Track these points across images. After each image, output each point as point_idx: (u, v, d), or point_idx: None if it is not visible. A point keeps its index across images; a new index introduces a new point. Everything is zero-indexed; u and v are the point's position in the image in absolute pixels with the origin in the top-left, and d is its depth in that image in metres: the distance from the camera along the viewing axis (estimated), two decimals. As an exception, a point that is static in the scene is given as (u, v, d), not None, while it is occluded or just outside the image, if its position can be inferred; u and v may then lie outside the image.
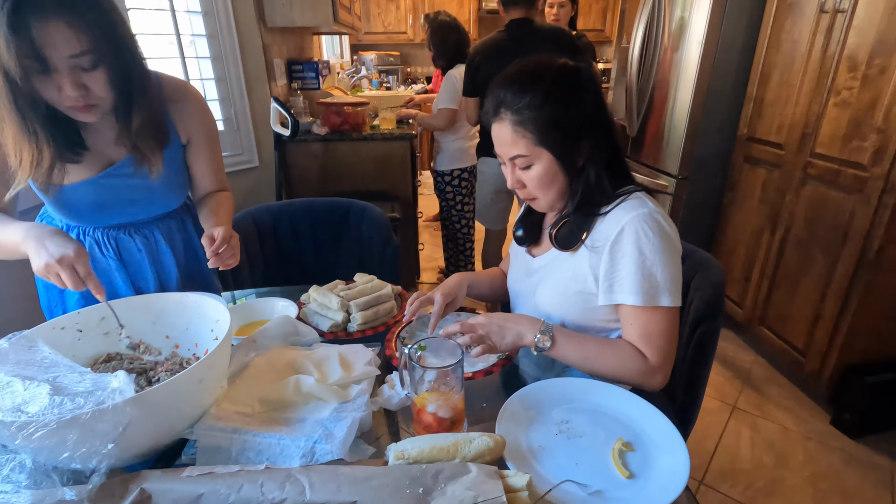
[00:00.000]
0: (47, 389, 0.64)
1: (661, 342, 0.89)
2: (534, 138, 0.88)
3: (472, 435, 0.72)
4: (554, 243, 0.97)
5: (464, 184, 2.83)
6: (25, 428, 0.59)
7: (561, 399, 0.87)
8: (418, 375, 0.76)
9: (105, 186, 1.07)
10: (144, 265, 1.20)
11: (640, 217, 0.88)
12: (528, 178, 0.93)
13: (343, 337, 1.06)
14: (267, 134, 2.40)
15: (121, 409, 0.62)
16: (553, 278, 1.00)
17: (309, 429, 0.74)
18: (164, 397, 0.67)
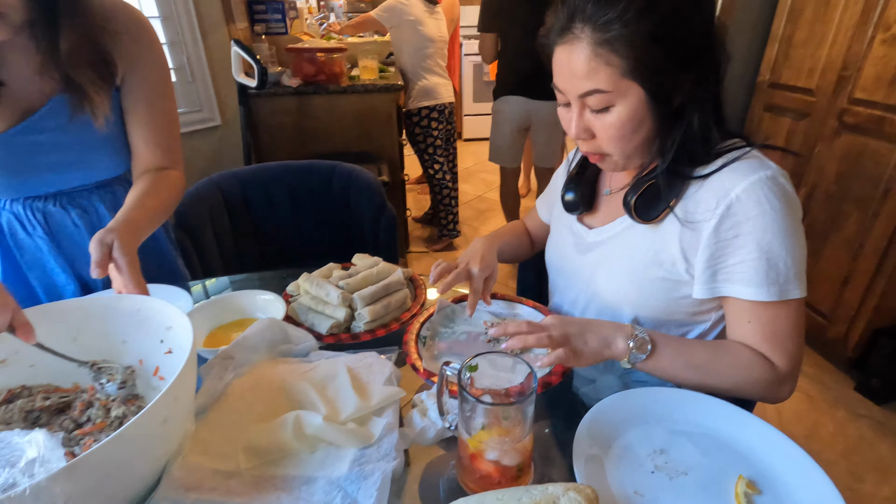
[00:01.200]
0: None
1: (790, 343, 0.69)
2: (622, 66, 0.63)
3: (555, 492, 0.51)
4: (632, 211, 0.73)
5: (433, 124, 2.65)
6: None
7: (643, 419, 0.66)
8: (471, 409, 0.54)
9: (24, 145, 0.82)
10: (84, 245, 0.91)
11: (761, 183, 0.65)
12: (604, 124, 0.68)
13: (347, 340, 0.82)
14: (229, 86, 2.05)
15: (45, 489, 0.39)
16: (623, 258, 0.78)
17: (321, 496, 0.51)
18: (112, 457, 0.44)
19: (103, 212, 0.95)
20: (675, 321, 0.76)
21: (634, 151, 0.71)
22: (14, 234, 0.90)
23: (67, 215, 0.92)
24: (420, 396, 0.68)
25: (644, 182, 0.72)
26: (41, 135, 0.82)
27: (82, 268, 0.96)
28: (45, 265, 0.93)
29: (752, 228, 0.66)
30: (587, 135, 0.71)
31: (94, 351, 0.66)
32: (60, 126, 0.83)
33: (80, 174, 0.91)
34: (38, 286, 0.95)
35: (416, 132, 2.70)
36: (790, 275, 0.66)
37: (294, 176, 1.61)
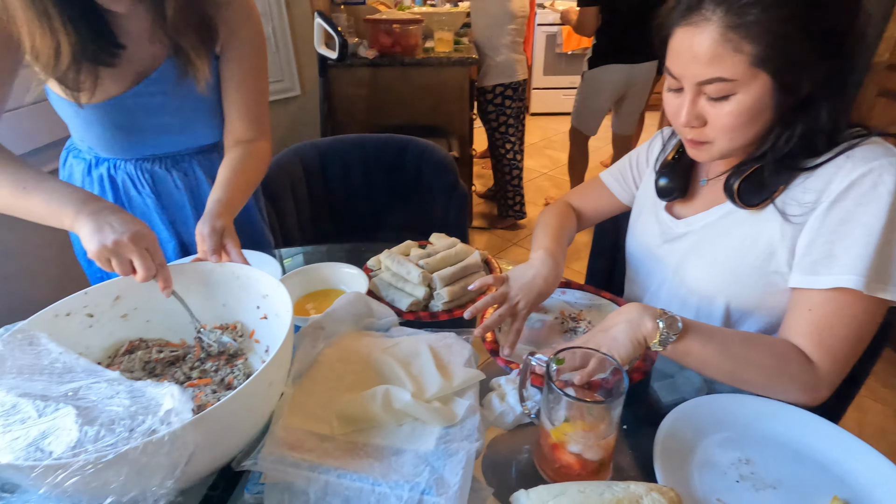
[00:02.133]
0: (73, 416, 0.46)
1: (843, 344, 0.64)
2: (753, 54, 0.59)
3: (637, 490, 0.52)
4: (734, 196, 0.69)
5: (507, 102, 2.57)
6: (52, 474, 0.41)
7: (727, 425, 0.64)
8: (556, 401, 0.55)
9: (136, 107, 0.89)
10: (185, 207, 1.02)
11: (883, 169, 0.60)
12: (719, 113, 0.64)
13: (426, 318, 0.85)
14: (309, 57, 2.10)
15: (180, 437, 0.44)
16: (718, 246, 0.74)
17: (410, 469, 0.54)
18: (230, 413, 0.49)
19: (201, 176, 1.03)
20: (769, 314, 0.73)
21: (744, 143, 0.66)
22: (127, 192, 0.99)
23: (170, 177, 1.00)
24: (498, 381, 0.70)
25: (749, 166, 0.68)
26: (151, 98, 0.89)
27: (181, 226, 1.05)
28: (152, 222, 1.01)
29: (864, 214, 0.61)
30: (698, 122, 0.67)
31: (197, 309, 0.73)
32: (167, 91, 0.90)
33: (182, 138, 0.98)
34: None
35: (488, 110, 2.63)
36: (891, 271, 0.61)
37: (369, 149, 1.64)
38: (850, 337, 0.64)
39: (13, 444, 0.45)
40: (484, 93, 2.59)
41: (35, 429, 0.46)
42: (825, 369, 0.65)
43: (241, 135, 0.96)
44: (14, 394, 0.49)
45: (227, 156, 0.93)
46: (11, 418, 0.47)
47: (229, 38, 0.91)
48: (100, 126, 0.89)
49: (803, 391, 0.65)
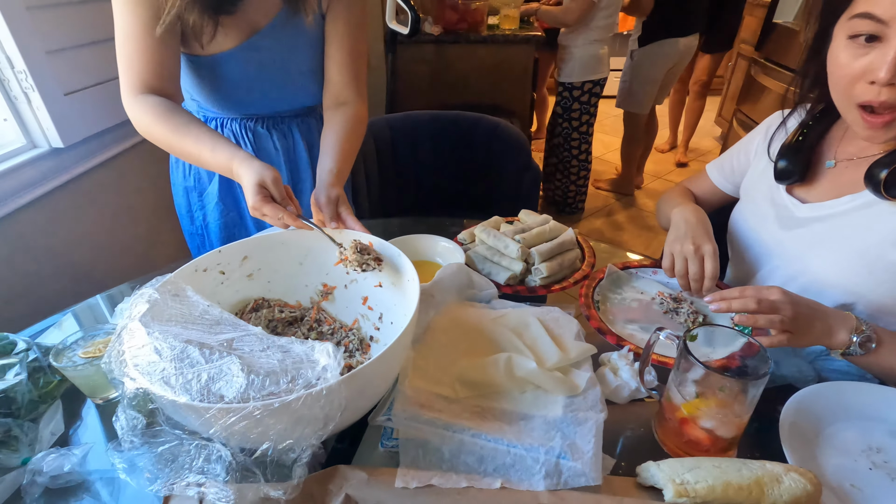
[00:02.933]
0: (238, 364, 0.49)
1: None
2: None
3: (776, 470, 0.51)
4: (880, 188, 0.65)
5: (593, 100, 2.43)
6: (224, 416, 0.44)
7: (854, 413, 0.63)
8: (682, 372, 0.55)
9: (247, 61, 0.93)
10: (281, 167, 1.07)
11: None
12: None
13: (523, 293, 0.85)
14: (375, 32, 2.10)
15: (336, 392, 0.47)
16: (853, 238, 0.71)
17: (541, 433, 0.56)
18: (376, 372, 0.52)
19: (298, 139, 1.07)
20: None
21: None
22: None
23: (270, 137, 1.05)
24: (609, 356, 0.70)
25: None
26: (260, 52, 0.92)
27: None
28: None
29: None
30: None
31: (315, 273, 0.76)
32: (276, 47, 0.93)
33: (285, 97, 1.02)
34: (241, 199, 1.08)
35: (573, 107, 2.45)
36: None
37: (439, 125, 1.64)
38: None
39: (187, 386, 0.48)
40: (571, 89, 2.41)
41: (205, 374, 0.49)
42: None
43: (339, 93, 0.97)
44: (180, 339, 0.52)
45: (330, 121, 0.95)
46: (182, 362, 0.50)
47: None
48: (211, 79, 0.94)
49: None
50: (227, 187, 1.06)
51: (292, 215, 0.72)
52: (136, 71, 0.82)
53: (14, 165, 1.04)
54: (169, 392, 0.45)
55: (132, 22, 0.80)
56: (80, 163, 1.18)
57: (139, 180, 1.41)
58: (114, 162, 1.30)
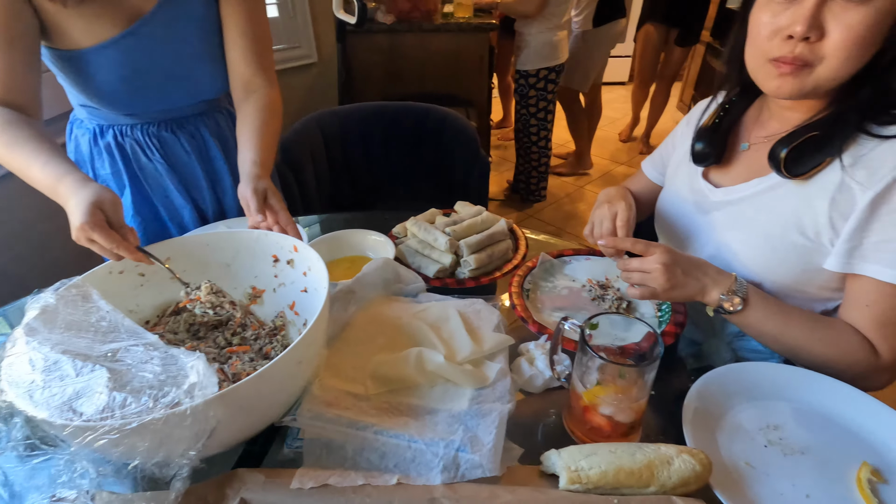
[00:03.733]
0: (105, 379, 0.47)
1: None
2: None
3: (668, 452, 0.53)
4: (780, 166, 0.66)
5: (549, 87, 2.44)
6: (81, 434, 0.43)
7: (755, 393, 0.65)
8: (590, 364, 0.56)
9: (133, 49, 0.86)
10: (195, 170, 1.02)
11: None
12: (850, 22, 0.57)
13: (452, 285, 0.85)
14: (326, 23, 2.06)
15: (202, 412, 0.45)
16: (758, 221, 0.73)
17: (444, 427, 0.56)
18: (255, 390, 0.50)
19: (207, 137, 1.03)
20: (803, 294, 0.72)
21: (851, 71, 0.60)
22: (137, 160, 0.98)
23: (178, 140, 1.00)
24: (527, 346, 0.70)
25: (803, 133, 0.65)
26: (147, 39, 0.87)
27: (194, 191, 1.05)
28: (165, 188, 1.02)
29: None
30: (816, 34, 0.59)
31: (244, 276, 0.75)
32: (164, 33, 0.88)
33: (183, 90, 0.96)
34: (161, 208, 1.04)
35: (530, 94, 2.48)
36: None
37: (390, 117, 1.62)
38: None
39: (50, 401, 0.46)
40: (527, 76, 2.43)
41: (71, 388, 0.48)
42: (890, 359, 0.65)
43: (248, 81, 0.93)
44: (58, 350, 0.50)
45: (243, 112, 0.91)
46: (52, 374, 0.48)
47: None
48: (99, 73, 0.86)
49: (864, 375, 0.66)
50: (142, 199, 1.01)
51: (130, 246, 0.64)
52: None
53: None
54: (30, 406, 0.44)
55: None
56: None
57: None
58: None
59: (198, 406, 0.44)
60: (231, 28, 0.91)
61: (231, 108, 1.03)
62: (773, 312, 0.67)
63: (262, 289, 0.76)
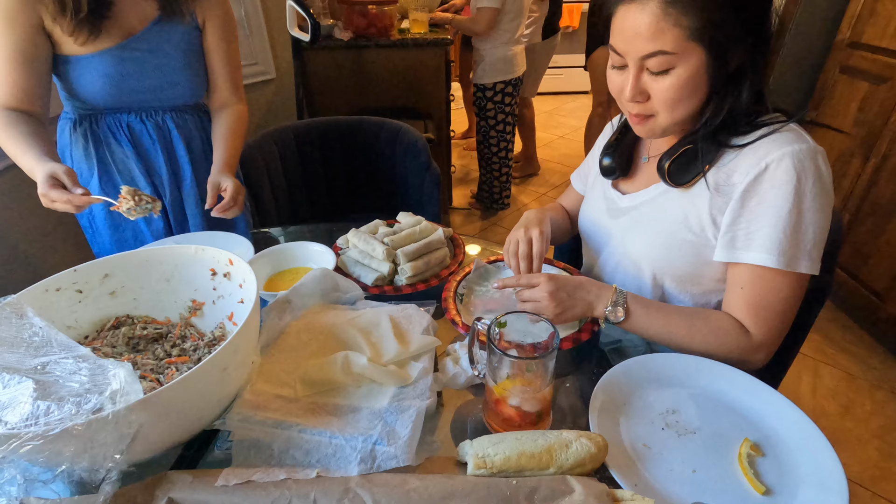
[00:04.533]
0: (30, 389, 0.50)
1: (774, 315, 0.72)
2: (691, 28, 0.63)
3: (568, 437, 0.58)
4: (665, 176, 0.75)
5: (507, 99, 2.52)
6: (6, 443, 0.45)
7: (659, 381, 0.71)
8: (498, 361, 0.61)
9: (124, 60, 1.04)
10: (158, 157, 1.16)
11: (794, 155, 0.66)
12: (661, 87, 0.68)
13: (390, 292, 0.90)
14: (284, 39, 2.10)
15: (124, 416, 0.48)
16: (655, 222, 0.80)
17: (365, 424, 0.60)
18: (179, 396, 0.53)
19: (172, 128, 1.17)
20: (699, 287, 0.79)
21: (684, 116, 0.71)
22: (108, 144, 1.12)
23: (145, 129, 1.13)
24: (454, 346, 0.76)
25: (680, 147, 0.74)
26: (137, 52, 1.04)
27: (155, 177, 1.19)
28: (131, 170, 1.15)
29: (775, 197, 0.67)
30: (642, 97, 0.71)
31: (184, 290, 0.78)
32: (152, 49, 1.06)
33: (162, 95, 1.11)
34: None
35: (487, 107, 2.58)
36: (804, 248, 0.68)
37: (344, 131, 1.67)
38: (778, 308, 0.72)
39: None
40: (484, 90, 2.53)
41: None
42: (760, 338, 0.72)
43: (226, 98, 1.19)
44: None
45: (217, 121, 1.17)
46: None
47: (210, 11, 1.10)
48: (89, 75, 1.02)
49: (739, 356, 0.73)
50: (108, 179, 1.13)
51: (77, 195, 0.84)
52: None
53: None
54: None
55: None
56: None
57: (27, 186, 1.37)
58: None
59: (119, 411, 0.48)
60: (213, 56, 1.14)
61: (199, 109, 1.22)
62: (654, 315, 0.75)
63: (202, 301, 0.79)
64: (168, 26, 1.06)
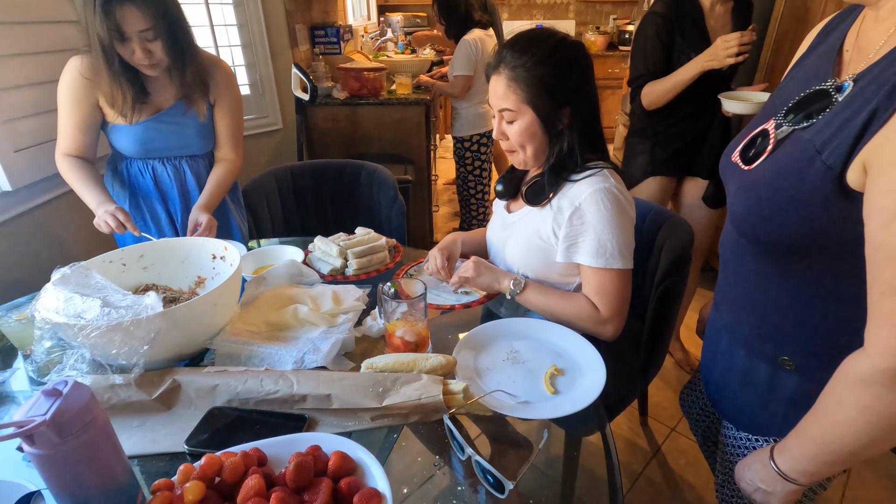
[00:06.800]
0: (99, 303, 0.85)
1: (612, 298, 1.03)
2: (522, 96, 0.99)
3: (430, 354, 0.90)
4: (524, 198, 1.10)
5: (482, 149, 2.93)
6: (84, 330, 0.79)
7: (516, 334, 1.02)
8: (390, 308, 0.93)
9: (154, 128, 1.42)
10: (173, 189, 1.53)
11: (600, 191, 1.00)
12: (511, 131, 1.04)
13: (340, 280, 1.24)
14: (290, 97, 2.56)
15: (152, 319, 0.82)
16: (522, 233, 1.13)
17: (301, 344, 0.93)
18: (184, 314, 0.87)
19: (187, 171, 1.53)
20: (551, 281, 1.12)
21: (533, 154, 1.06)
22: (136, 180, 1.50)
23: (166, 171, 1.51)
24: (374, 311, 1.08)
25: (533, 178, 1.09)
26: (162, 124, 1.42)
27: (169, 204, 1.55)
28: (153, 201, 1.53)
29: (590, 219, 1.00)
30: (503, 136, 1.07)
31: (192, 269, 1.13)
32: (175, 121, 1.43)
33: (179, 151, 1.50)
34: (146, 213, 1.54)
35: (465, 156, 2.96)
36: (616, 252, 1.00)
37: (332, 171, 2.06)
38: (614, 293, 1.03)
39: (66, 312, 0.83)
40: (462, 141, 2.93)
41: (79, 307, 0.85)
42: (606, 315, 1.04)
43: (225, 153, 1.56)
44: (72, 291, 0.88)
45: (215, 169, 1.54)
46: (69, 303, 0.85)
47: (220, 95, 1.47)
48: (126, 139, 1.42)
49: (594, 326, 1.04)
50: (135, 207, 1.52)
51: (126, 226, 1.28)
52: (63, 144, 1.38)
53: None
54: (55, 316, 0.81)
55: (66, 118, 1.35)
56: (28, 202, 1.53)
57: (83, 215, 1.76)
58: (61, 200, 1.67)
59: (149, 316, 0.82)
60: (220, 124, 1.52)
61: (208, 155, 1.58)
62: (540, 292, 1.07)
63: (204, 277, 1.14)
64: (188, 106, 1.44)
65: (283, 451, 0.70)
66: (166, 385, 0.85)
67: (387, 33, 4.63)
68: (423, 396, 0.79)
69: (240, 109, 1.56)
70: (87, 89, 1.32)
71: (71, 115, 1.34)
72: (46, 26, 1.58)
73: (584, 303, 1.05)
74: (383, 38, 4.37)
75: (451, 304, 1.12)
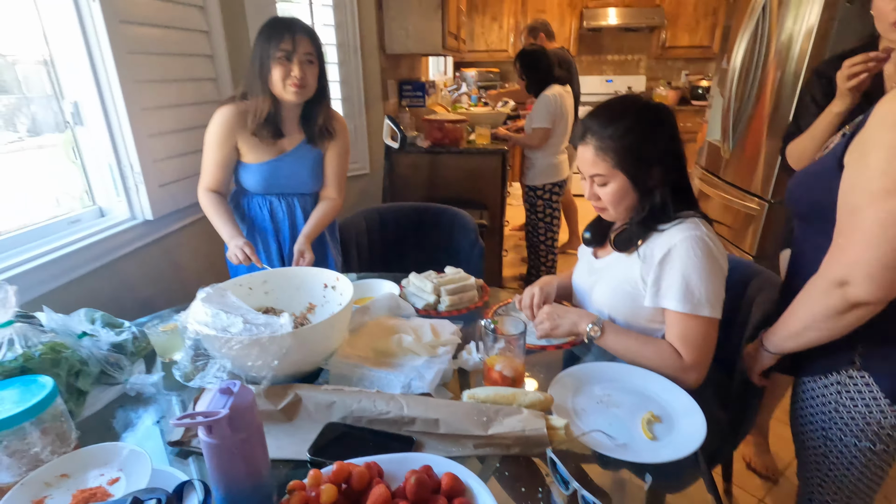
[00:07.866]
0: (241, 320, 0.97)
1: (696, 345, 1.04)
2: (612, 162, 1.07)
3: (528, 390, 0.94)
4: (612, 245, 1.15)
5: (554, 198, 3.01)
6: (229, 342, 0.91)
7: (607, 377, 1.05)
8: (490, 342, 1.00)
9: (276, 167, 1.62)
10: (284, 223, 1.71)
11: (691, 238, 1.03)
12: (604, 193, 1.11)
13: (434, 314, 1.32)
14: (378, 145, 2.78)
15: (284, 337, 0.93)
16: (609, 278, 1.18)
17: (407, 371, 1.01)
18: (310, 335, 0.98)
19: (297, 207, 1.71)
20: (638, 325, 1.14)
21: (624, 212, 1.12)
22: (254, 213, 1.69)
23: (281, 206, 1.69)
24: (470, 345, 1.15)
25: (622, 227, 1.14)
26: (283, 164, 1.62)
27: (280, 236, 1.72)
28: (266, 232, 1.70)
29: (680, 265, 1.03)
30: (595, 198, 1.14)
31: (305, 295, 1.25)
32: (296, 162, 1.63)
33: (294, 189, 1.68)
34: (260, 244, 1.72)
35: (538, 205, 3.07)
36: (704, 299, 1.02)
37: (415, 213, 2.20)
38: (698, 340, 1.04)
39: (214, 326, 0.96)
40: (535, 190, 3.05)
41: (225, 322, 0.97)
42: (689, 362, 1.05)
43: (329, 193, 1.74)
44: (217, 309, 1.01)
45: (319, 205, 1.71)
46: (215, 318, 0.98)
47: (333, 141, 1.66)
48: (251, 176, 1.62)
49: (676, 372, 1.05)
50: (250, 236, 1.70)
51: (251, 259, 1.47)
52: (206, 180, 1.59)
53: (121, 230, 1.62)
54: (204, 329, 0.94)
55: (210, 157, 1.57)
56: (162, 229, 1.77)
57: (199, 242, 1.99)
58: (185, 229, 1.91)
59: (283, 334, 0.93)
60: (329, 167, 1.71)
61: (316, 195, 1.76)
62: (620, 336, 1.10)
63: (315, 304, 1.26)
64: (306, 149, 1.63)
65: (397, 467, 0.76)
66: (289, 398, 0.94)
67: (461, 87, 4.92)
68: (526, 429, 0.83)
69: (347, 155, 1.75)
70: (231, 133, 1.54)
71: (214, 154, 1.56)
72: (188, 84, 1.87)
73: (666, 348, 1.06)
74: (459, 91, 4.64)
75: (541, 346, 1.16)
